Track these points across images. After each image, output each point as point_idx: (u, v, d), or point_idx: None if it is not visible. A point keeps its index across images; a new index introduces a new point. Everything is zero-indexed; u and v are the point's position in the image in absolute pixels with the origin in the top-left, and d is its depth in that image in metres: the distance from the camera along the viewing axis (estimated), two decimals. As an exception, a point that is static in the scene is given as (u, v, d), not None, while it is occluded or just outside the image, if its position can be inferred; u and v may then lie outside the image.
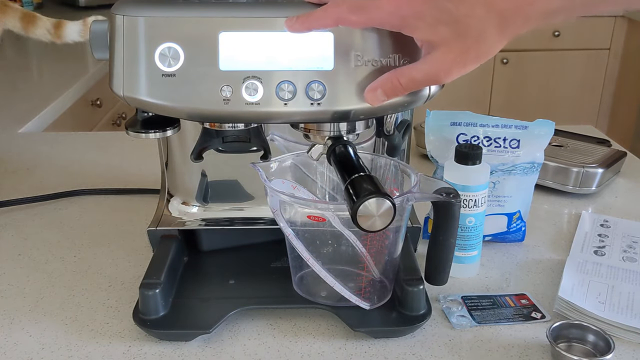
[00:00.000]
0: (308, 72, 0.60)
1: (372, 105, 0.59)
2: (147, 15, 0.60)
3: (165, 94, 0.60)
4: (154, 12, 0.61)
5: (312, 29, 0.58)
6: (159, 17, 0.60)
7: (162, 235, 0.81)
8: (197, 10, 0.61)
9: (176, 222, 0.82)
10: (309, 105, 0.61)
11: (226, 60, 0.60)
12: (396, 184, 0.77)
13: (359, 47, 0.60)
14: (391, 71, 0.58)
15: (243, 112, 0.61)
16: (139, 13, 0.61)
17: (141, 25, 0.60)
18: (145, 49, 0.60)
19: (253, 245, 0.86)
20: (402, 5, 0.56)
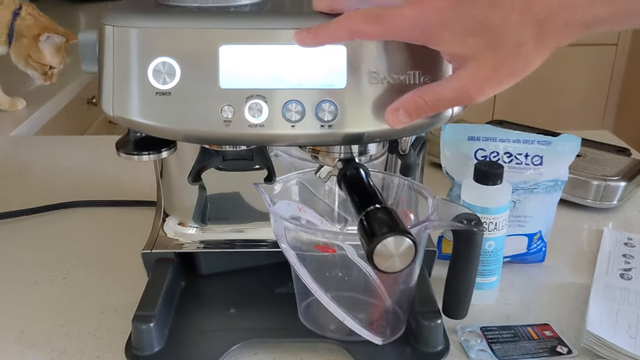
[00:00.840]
0: (318, 91, 0.54)
1: (394, 128, 0.53)
2: (140, 26, 0.54)
3: (160, 114, 0.54)
4: (148, 22, 0.55)
5: (324, 43, 0.51)
6: (152, 29, 0.54)
7: (157, 258, 0.75)
8: (195, 20, 0.55)
9: (172, 245, 0.76)
10: (319, 127, 0.55)
11: (227, 77, 0.54)
12: (411, 206, 0.72)
13: (374, 63, 0.54)
14: (415, 89, 0.52)
15: (246, 134, 0.55)
16: (131, 23, 0.54)
17: (133, 38, 0.54)
18: (138, 64, 0.54)
19: (255, 268, 0.80)
20: (425, 13, 0.49)
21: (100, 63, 0.55)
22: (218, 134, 0.55)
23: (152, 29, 0.54)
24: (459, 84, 0.50)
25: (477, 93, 0.50)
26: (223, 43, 0.54)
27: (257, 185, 0.66)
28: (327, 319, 0.68)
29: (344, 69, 0.54)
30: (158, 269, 0.75)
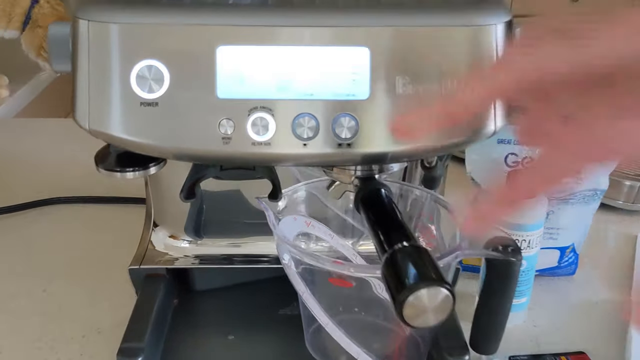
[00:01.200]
0: (335, 103, 0.45)
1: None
2: (121, 21, 0.45)
3: (145, 129, 0.45)
4: (130, 17, 0.45)
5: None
6: (136, 25, 0.45)
7: (147, 274, 0.67)
8: (188, 16, 0.45)
9: (163, 260, 0.68)
10: (336, 146, 0.46)
11: (226, 85, 0.45)
12: (432, 221, 0.63)
13: (404, 67, 0.45)
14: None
15: (248, 153, 0.46)
16: (111, 18, 0.45)
17: (113, 35, 0.45)
18: (119, 68, 0.45)
19: (255, 282, 0.72)
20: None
21: (74, 65, 0.46)
22: (215, 153, 0.46)
23: (136, 26, 0.45)
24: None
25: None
26: (221, 43, 0.45)
27: (260, 199, 0.57)
28: (338, 349, 0.60)
29: (366, 76, 0.45)
30: (147, 288, 0.67)
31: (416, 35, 0.45)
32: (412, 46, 0.45)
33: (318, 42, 0.45)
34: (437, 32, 0.46)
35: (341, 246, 0.66)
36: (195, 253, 0.68)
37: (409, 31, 0.45)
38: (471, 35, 0.46)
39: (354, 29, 0.45)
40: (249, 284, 0.71)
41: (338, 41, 0.45)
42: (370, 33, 0.45)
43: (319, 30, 0.45)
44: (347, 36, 0.45)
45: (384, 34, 0.45)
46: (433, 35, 0.45)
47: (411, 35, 0.45)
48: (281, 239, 0.53)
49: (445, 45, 0.45)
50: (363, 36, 0.45)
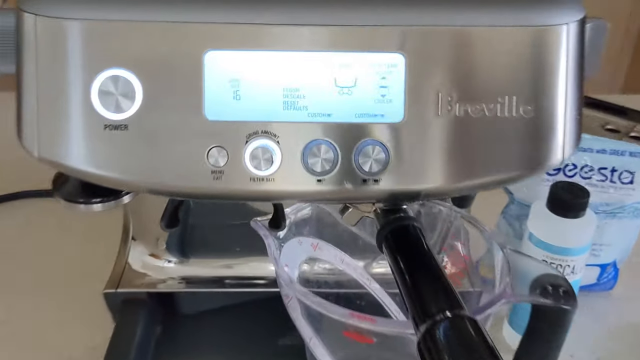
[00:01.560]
0: (359, 126, 0.35)
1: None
2: (80, 17, 0.34)
3: (110, 159, 0.35)
4: (92, 11, 0.34)
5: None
6: (99, 23, 0.34)
7: (125, 298, 0.57)
8: (167, 11, 0.34)
9: (144, 282, 0.58)
10: (359, 182, 0.35)
11: (217, 103, 0.34)
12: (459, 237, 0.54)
13: (448, 83, 0.35)
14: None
15: (245, 191, 0.36)
16: (65, 12, 0.34)
17: (69, 36, 0.34)
18: (76, 79, 0.34)
19: (251, 303, 0.62)
20: None
21: (19, 72, 0.35)
22: (201, 190, 0.36)
23: (99, 23, 0.34)
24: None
25: None
26: (210, 47, 0.34)
27: (258, 223, 0.47)
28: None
29: (400, 91, 0.35)
30: (126, 314, 0.57)
31: (465, 38, 0.35)
32: (459, 53, 0.35)
33: (337, 47, 0.34)
34: (493, 34, 0.35)
35: (353, 270, 0.56)
36: (180, 274, 0.58)
37: (457, 33, 0.35)
38: (537, 38, 0.35)
39: (385, 29, 0.34)
40: (243, 306, 0.61)
41: (364, 45, 0.34)
42: (405, 35, 0.34)
43: (338, 30, 0.34)
44: (376, 39, 0.34)
45: (424, 37, 0.34)
46: (487, 39, 0.35)
47: (459, 38, 0.35)
48: (286, 282, 0.43)
49: (503, 51, 0.35)
50: (396, 38, 0.34)
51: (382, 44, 0.34)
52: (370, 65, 0.35)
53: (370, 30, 0.34)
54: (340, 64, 0.35)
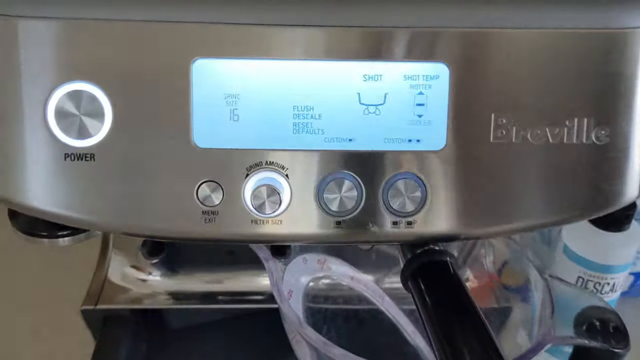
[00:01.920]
0: (390, 155, 0.27)
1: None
2: (34, 14, 0.26)
3: (75, 196, 0.27)
4: (44, 6, 0.26)
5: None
6: (58, 22, 0.26)
7: (106, 315, 0.51)
8: (143, 7, 0.26)
9: (126, 298, 0.51)
10: (389, 224, 0.28)
11: (208, 127, 0.27)
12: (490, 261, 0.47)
13: (504, 100, 0.27)
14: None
15: (246, 235, 0.28)
16: (11, 8, 0.26)
17: (19, 38, 0.26)
18: (29, 95, 0.26)
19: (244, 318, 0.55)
20: None
21: (-44, 81, 0.27)
22: (191, 234, 0.28)
23: (57, 23, 0.26)
24: None
25: None
26: (199, 55, 0.26)
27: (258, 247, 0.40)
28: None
29: (442, 112, 0.27)
30: (107, 333, 0.50)
31: (525, 44, 0.27)
32: (518, 62, 0.27)
33: (361, 54, 0.27)
34: (560, 39, 0.27)
35: (364, 287, 0.49)
36: (167, 289, 0.51)
37: (514, 37, 0.27)
38: (614, 44, 0.27)
39: (424, 32, 0.27)
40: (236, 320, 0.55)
41: (395, 52, 0.27)
42: (450, 39, 0.27)
43: (363, 33, 0.27)
44: (412, 44, 0.27)
45: (474, 41, 0.27)
46: (553, 45, 0.27)
47: (517, 44, 0.27)
48: (294, 325, 0.37)
49: (573, 61, 0.27)
50: (438, 44, 0.27)
51: (419, 51, 0.27)
52: (404, 77, 0.27)
53: (404, 33, 0.27)
54: (365, 75, 0.27)
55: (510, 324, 0.52)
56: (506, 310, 0.52)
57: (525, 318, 0.51)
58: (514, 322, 0.51)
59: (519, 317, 0.50)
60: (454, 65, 0.27)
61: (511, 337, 0.52)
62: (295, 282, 0.43)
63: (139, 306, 0.51)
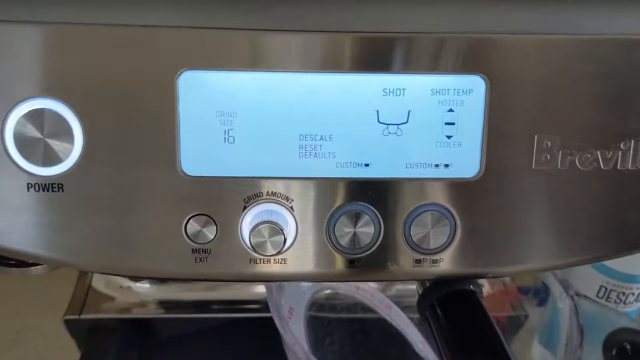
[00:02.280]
0: (413, 183, 0.23)
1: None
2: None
3: (41, 233, 0.23)
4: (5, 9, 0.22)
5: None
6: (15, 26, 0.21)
7: (91, 326, 0.47)
8: (117, 9, 0.22)
9: (113, 307, 0.47)
10: (411, 263, 0.24)
11: (199, 149, 0.22)
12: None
13: (550, 120, 0.23)
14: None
15: (243, 274, 0.24)
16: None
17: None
18: (-20, 111, 0.22)
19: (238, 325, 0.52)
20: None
21: None
22: (179, 274, 0.24)
23: (10, 27, 0.21)
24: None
25: None
26: (186, 67, 0.22)
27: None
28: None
29: (476, 133, 0.23)
30: (93, 343, 0.47)
31: (573, 54, 0.23)
32: (565, 76, 0.23)
33: (381, 66, 0.22)
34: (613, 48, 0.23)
35: (370, 297, 0.46)
36: (157, 298, 0.47)
37: (560, 45, 0.23)
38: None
39: (455, 38, 0.22)
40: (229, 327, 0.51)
41: (421, 63, 0.22)
42: (486, 48, 0.22)
43: (382, 41, 0.22)
44: (441, 53, 0.22)
45: (514, 51, 0.22)
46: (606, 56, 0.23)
47: (563, 54, 0.23)
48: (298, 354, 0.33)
49: (628, 73, 0.23)
50: (473, 53, 0.22)
51: (450, 61, 0.22)
52: (431, 91, 0.23)
53: (432, 40, 0.22)
54: (385, 90, 0.23)
55: (525, 330, 0.48)
56: (520, 318, 0.49)
57: (540, 324, 0.47)
58: (529, 328, 0.48)
59: (535, 323, 0.47)
60: (491, 77, 0.22)
61: (527, 348, 0.49)
62: (297, 299, 0.40)
63: (127, 315, 0.47)
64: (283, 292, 0.38)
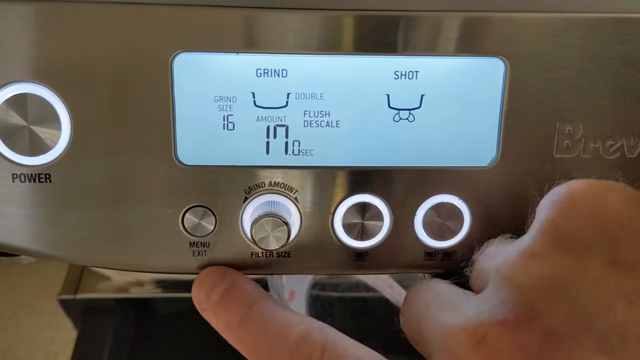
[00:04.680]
0: (425, 172, 0.22)
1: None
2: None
3: (28, 226, 0.22)
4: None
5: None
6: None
7: (87, 305, 0.46)
8: (104, -17, 0.20)
9: (109, 286, 0.46)
10: (422, 256, 0.23)
11: (196, 137, 0.21)
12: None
13: (572, 107, 0.21)
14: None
15: (246, 268, 0.23)
16: None
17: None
18: (-41, 96, 0.20)
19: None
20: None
21: None
22: (176, 268, 0.23)
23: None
24: None
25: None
26: (181, 48, 0.20)
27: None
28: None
29: (494, 119, 0.21)
30: (90, 322, 0.46)
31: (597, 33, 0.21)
32: (590, 57, 0.21)
33: (392, 47, 0.21)
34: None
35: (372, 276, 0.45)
36: (154, 277, 0.46)
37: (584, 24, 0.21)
38: None
39: (472, 17, 0.21)
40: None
41: (436, 44, 0.21)
42: (506, 27, 0.21)
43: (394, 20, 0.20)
44: (456, 33, 0.21)
45: (536, 30, 0.21)
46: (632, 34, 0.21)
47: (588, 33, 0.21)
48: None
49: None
50: (491, 33, 0.21)
51: (466, 42, 0.21)
52: (446, 74, 0.21)
53: (448, 19, 0.20)
54: (397, 72, 0.21)
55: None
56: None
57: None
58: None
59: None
60: (511, 59, 0.21)
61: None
62: (298, 282, 0.38)
63: (123, 295, 0.46)
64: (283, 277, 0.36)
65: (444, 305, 0.19)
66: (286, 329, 0.20)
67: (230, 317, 0.21)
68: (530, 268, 0.17)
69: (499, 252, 0.19)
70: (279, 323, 0.20)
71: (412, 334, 0.20)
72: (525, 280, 0.17)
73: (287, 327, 0.20)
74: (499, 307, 0.17)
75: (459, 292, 0.20)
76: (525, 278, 0.17)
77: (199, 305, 0.22)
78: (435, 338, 0.18)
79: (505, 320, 0.16)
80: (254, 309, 0.21)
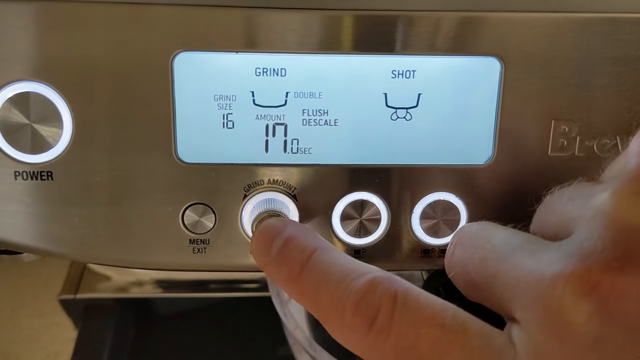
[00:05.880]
0: (422, 170, 0.22)
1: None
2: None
3: (29, 223, 0.22)
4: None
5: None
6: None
7: (87, 305, 0.46)
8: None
9: (109, 286, 0.47)
10: (419, 253, 0.23)
11: (196, 135, 0.21)
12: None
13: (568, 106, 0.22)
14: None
15: (245, 265, 0.23)
16: None
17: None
18: (-38, 95, 0.20)
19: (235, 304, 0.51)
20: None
21: None
22: (176, 265, 0.23)
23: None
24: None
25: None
26: (182, 48, 0.20)
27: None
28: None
29: (490, 118, 0.22)
30: (90, 322, 0.46)
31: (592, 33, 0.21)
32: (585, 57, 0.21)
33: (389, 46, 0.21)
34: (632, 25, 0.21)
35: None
36: (154, 277, 0.47)
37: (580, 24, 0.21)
38: None
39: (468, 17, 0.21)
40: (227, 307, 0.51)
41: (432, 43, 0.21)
42: (503, 26, 0.21)
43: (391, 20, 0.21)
44: (453, 33, 0.21)
45: (532, 30, 0.21)
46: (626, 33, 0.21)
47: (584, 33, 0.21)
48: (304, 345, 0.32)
49: None
50: (487, 32, 0.21)
51: (463, 41, 0.21)
52: (443, 73, 0.21)
53: (444, 19, 0.21)
54: (394, 72, 0.21)
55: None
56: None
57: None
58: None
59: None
60: (506, 59, 0.21)
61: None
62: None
63: (124, 295, 0.46)
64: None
65: (527, 250, 0.17)
66: (350, 278, 0.18)
67: (291, 269, 0.19)
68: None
69: (585, 193, 0.18)
70: (342, 272, 0.18)
71: (478, 277, 0.18)
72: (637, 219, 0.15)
73: (352, 276, 0.18)
74: (608, 251, 0.15)
75: (532, 237, 0.18)
76: (636, 217, 0.15)
77: (259, 261, 0.20)
78: (523, 288, 0.16)
79: (619, 266, 0.15)
80: (314, 257, 0.19)
